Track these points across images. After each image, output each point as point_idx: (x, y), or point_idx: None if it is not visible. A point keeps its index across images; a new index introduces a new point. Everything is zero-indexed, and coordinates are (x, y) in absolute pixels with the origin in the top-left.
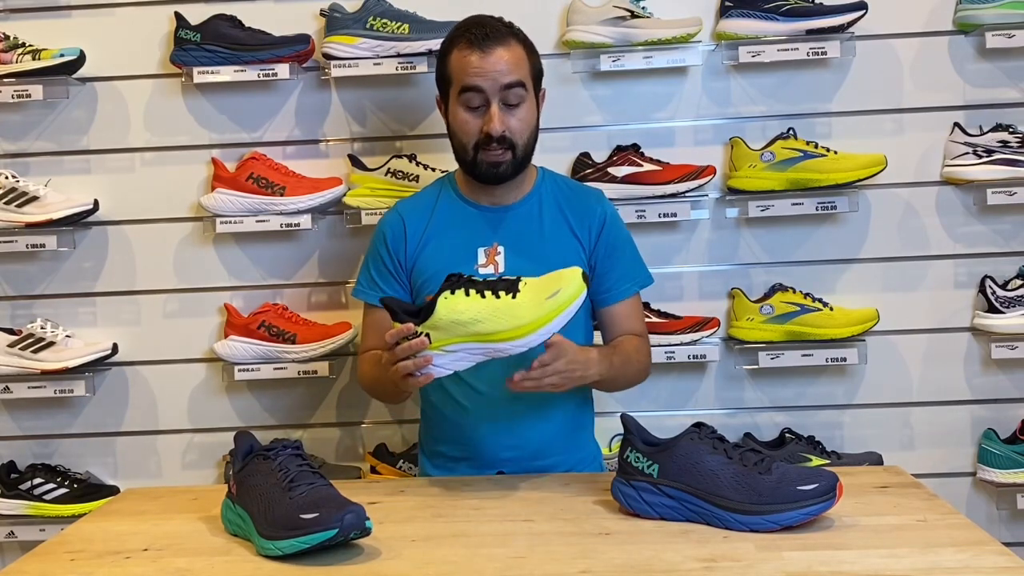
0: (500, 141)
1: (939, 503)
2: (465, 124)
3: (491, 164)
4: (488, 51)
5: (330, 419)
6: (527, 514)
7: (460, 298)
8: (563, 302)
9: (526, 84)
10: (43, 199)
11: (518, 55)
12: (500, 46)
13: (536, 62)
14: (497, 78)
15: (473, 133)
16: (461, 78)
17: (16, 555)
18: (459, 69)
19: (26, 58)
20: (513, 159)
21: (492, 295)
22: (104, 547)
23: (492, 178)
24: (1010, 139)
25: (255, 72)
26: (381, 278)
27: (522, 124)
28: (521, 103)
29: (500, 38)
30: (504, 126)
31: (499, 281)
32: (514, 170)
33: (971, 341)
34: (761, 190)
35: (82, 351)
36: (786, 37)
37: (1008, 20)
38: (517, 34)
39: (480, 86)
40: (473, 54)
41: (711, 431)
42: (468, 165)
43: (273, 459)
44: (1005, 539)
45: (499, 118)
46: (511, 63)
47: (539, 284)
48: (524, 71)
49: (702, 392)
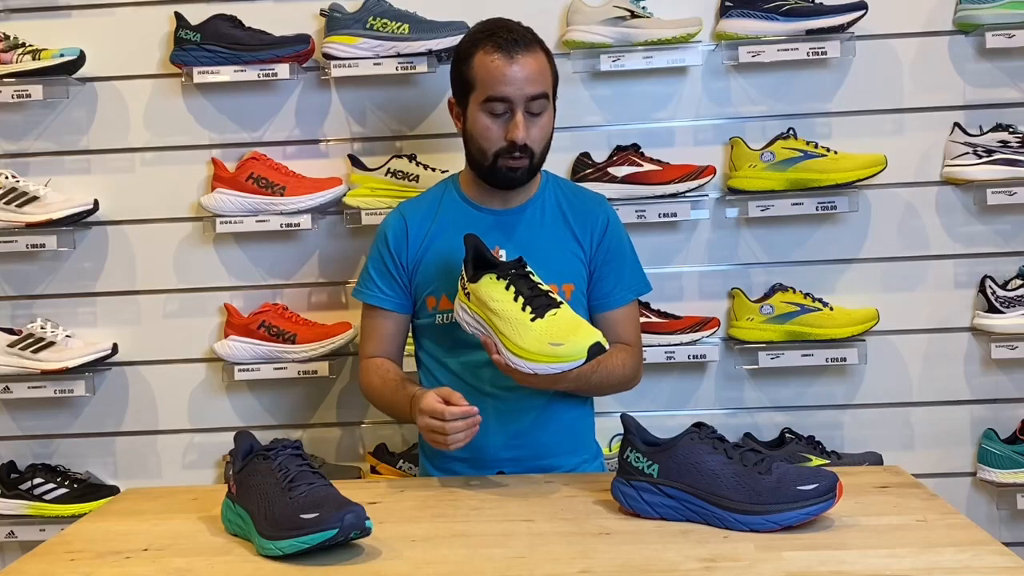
0: (522, 150)
1: (939, 503)
2: (487, 131)
3: (510, 170)
4: (516, 59)
5: (330, 419)
6: (527, 514)
7: (500, 287)
8: (559, 356)
9: (549, 95)
10: (43, 199)
11: (542, 64)
12: (528, 55)
13: (555, 70)
14: (524, 88)
15: (496, 140)
16: (488, 85)
17: (16, 555)
18: (485, 75)
19: (26, 58)
20: (530, 166)
21: (523, 304)
22: (104, 547)
23: (508, 183)
24: (1010, 139)
25: (255, 72)
26: (381, 279)
27: (542, 133)
28: (543, 112)
29: (528, 46)
30: (527, 135)
31: (539, 296)
32: (529, 176)
33: (971, 341)
34: (761, 190)
35: (82, 351)
36: (786, 37)
37: (1008, 20)
38: (540, 42)
39: (509, 96)
40: (500, 60)
41: (711, 431)
42: (485, 171)
43: (273, 459)
44: (1005, 539)
45: (524, 128)
46: (538, 71)
47: (559, 324)
48: (548, 81)
49: (702, 392)
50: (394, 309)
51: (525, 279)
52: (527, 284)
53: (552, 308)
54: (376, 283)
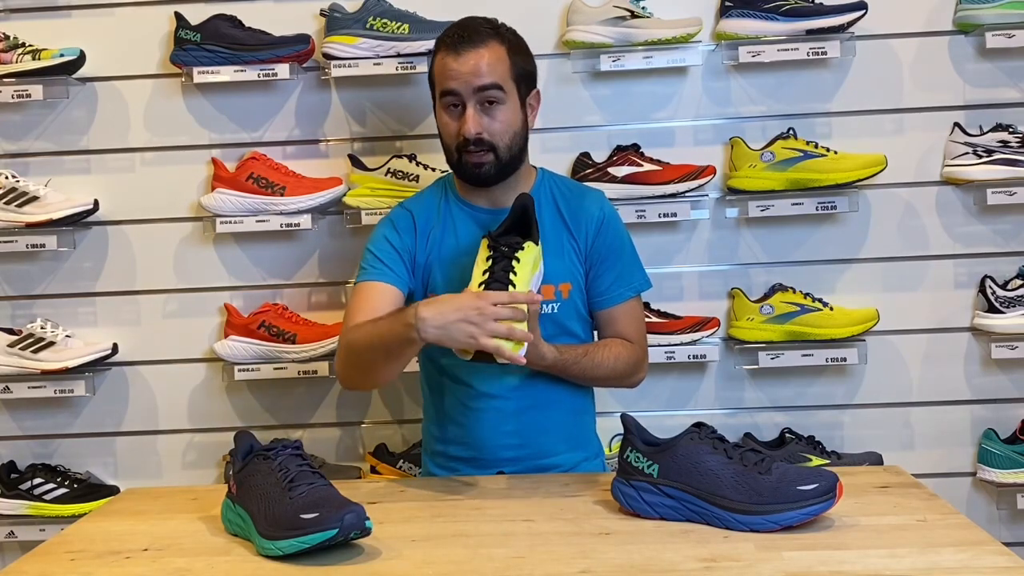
0: (478, 143)
1: (939, 503)
2: (446, 127)
3: (474, 165)
4: (461, 53)
5: (330, 419)
6: (527, 514)
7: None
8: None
9: (503, 86)
10: (43, 199)
11: (496, 56)
12: (475, 48)
13: (522, 62)
14: (470, 80)
15: (453, 135)
16: (440, 81)
17: (16, 555)
18: (439, 72)
19: (26, 58)
20: (496, 161)
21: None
22: (104, 547)
23: (476, 179)
24: (1010, 139)
25: (255, 72)
26: (387, 257)
27: (502, 126)
28: (499, 104)
29: (477, 40)
30: (480, 128)
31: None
32: (499, 171)
33: (971, 341)
34: (761, 190)
35: (82, 351)
36: (786, 37)
37: (1008, 20)
38: (503, 35)
39: (454, 89)
40: (448, 57)
41: (711, 431)
42: (455, 167)
43: (273, 459)
44: (1005, 539)
45: (474, 120)
46: (486, 63)
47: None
48: (501, 72)
49: (702, 392)
50: (395, 284)
51: (506, 261)
52: (504, 267)
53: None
54: (380, 260)
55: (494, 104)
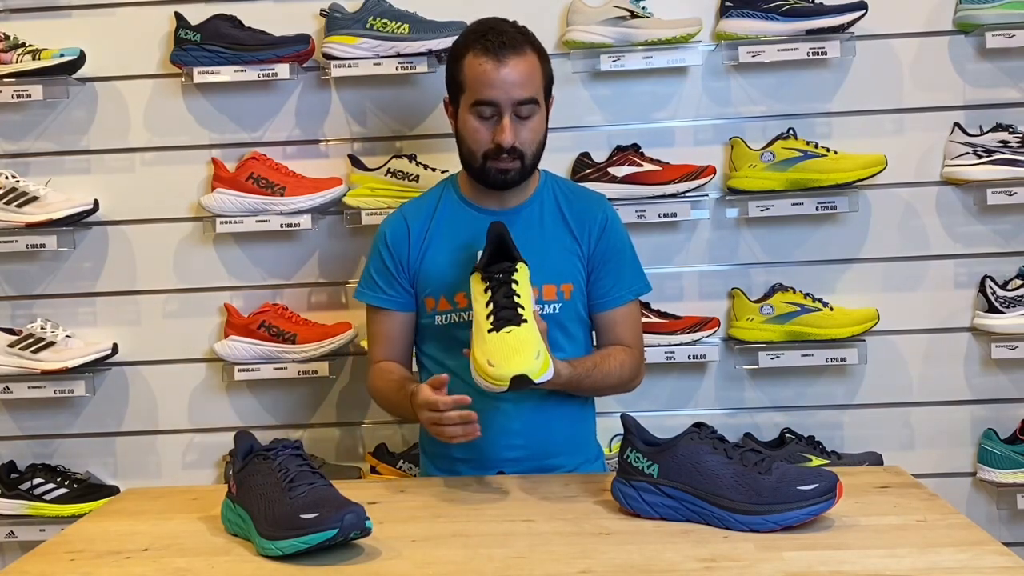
0: (510, 152)
1: (939, 503)
2: (475, 133)
3: (500, 171)
4: (504, 62)
5: (330, 419)
6: (527, 514)
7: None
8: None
9: (539, 99)
10: (43, 199)
11: (532, 66)
12: (516, 56)
13: (548, 70)
14: (511, 92)
15: (484, 142)
16: (476, 89)
17: (16, 555)
18: (473, 79)
19: (26, 58)
20: (522, 167)
21: (489, 312)
22: (104, 547)
23: (500, 184)
24: (1010, 139)
25: (255, 72)
26: (382, 279)
27: (533, 135)
28: (533, 115)
29: (516, 48)
30: (515, 138)
31: (507, 309)
32: (522, 177)
33: (971, 341)
34: (761, 190)
35: (82, 351)
36: (786, 37)
37: (1008, 20)
38: (533, 42)
39: (496, 100)
40: (488, 64)
41: (711, 431)
42: (476, 172)
43: (273, 459)
44: (1005, 539)
45: (511, 131)
46: (526, 75)
47: (505, 343)
48: (537, 84)
49: (702, 392)
50: (396, 308)
51: (506, 287)
52: (505, 292)
53: (511, 325)
54: (377, 283)
55: (529, 115)
